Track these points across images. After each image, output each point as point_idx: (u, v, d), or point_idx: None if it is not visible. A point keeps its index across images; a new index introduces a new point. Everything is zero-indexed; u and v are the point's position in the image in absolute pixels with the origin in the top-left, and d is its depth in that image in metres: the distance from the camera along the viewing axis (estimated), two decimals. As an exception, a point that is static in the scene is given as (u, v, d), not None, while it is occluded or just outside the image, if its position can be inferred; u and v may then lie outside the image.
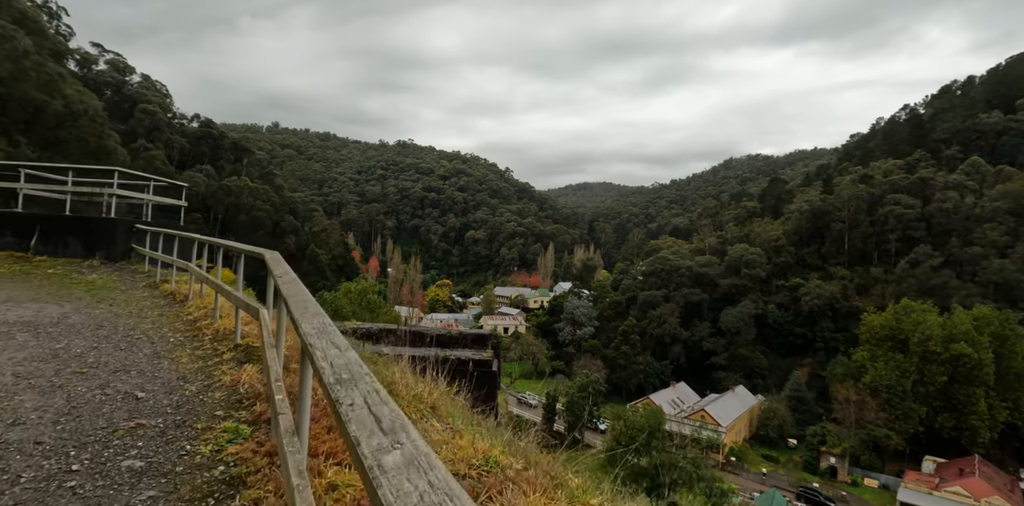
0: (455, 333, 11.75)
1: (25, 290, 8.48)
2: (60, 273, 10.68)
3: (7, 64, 22.56)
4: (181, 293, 8.35)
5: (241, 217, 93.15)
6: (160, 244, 10.38)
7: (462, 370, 8.76)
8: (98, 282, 9.85)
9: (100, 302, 7.66)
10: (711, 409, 60.05)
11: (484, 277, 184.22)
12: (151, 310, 7.07)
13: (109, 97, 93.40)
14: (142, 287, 9.61)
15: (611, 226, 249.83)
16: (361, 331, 12.02)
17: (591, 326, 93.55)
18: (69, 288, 9.04)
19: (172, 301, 8.09)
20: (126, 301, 7.90)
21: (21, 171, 13.95)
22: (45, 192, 14.52)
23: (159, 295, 8.74)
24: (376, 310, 49.32)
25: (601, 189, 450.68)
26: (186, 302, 7.65)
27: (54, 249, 12.94)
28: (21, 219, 13.50)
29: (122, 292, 8.85)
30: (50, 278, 10.08)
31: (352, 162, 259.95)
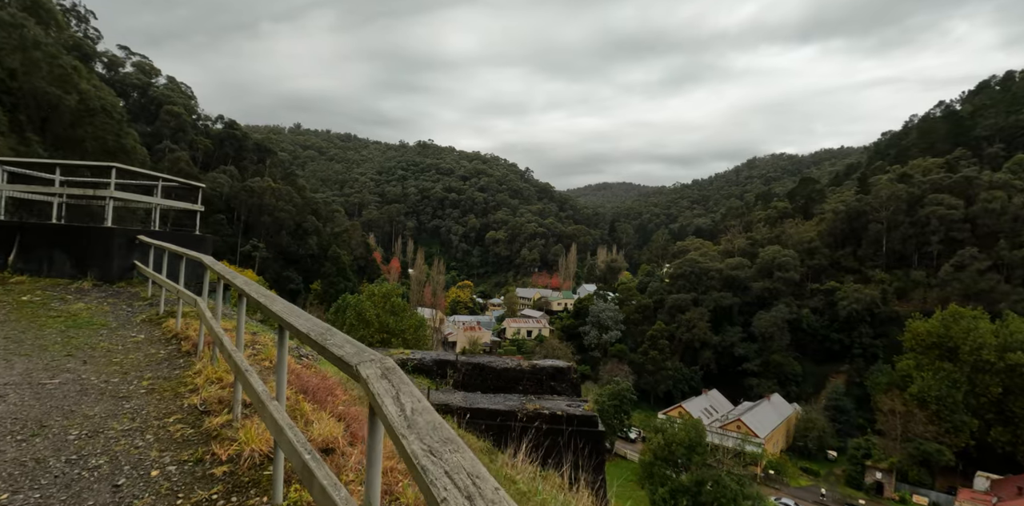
0: (526, 367, 9.92)
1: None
2: (37, 301, 8.44)
3: (16, 55, 21.45)
4: (190, 337, 6.20)
5: (264, 218, 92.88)
6: (165, 261, 8.10)
7: (556, 430, 6.97)
8: (83, 315, 7.66)
9: (72, 354, 5.57)
10: (747, 419, 57.52)
11: (505, 278, 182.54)
12: (141, 376, 4.86)
13: (135, 99, 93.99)
14: (139, 323, 7.43)
15: (632, 227, 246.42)
16: (413, 363, 10.34)
17: (617, 330, 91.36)
18: (40, 326, 6.89)
19: (176, 352, 5.89)
20: (109, 352, 5.78)
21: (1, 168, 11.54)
22: (31, 195, 12.36)
23: (160, 339, 6.52)
24: (400, 313, 47.98)
25: (621, 189, 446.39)
26: (195, 355, 5.53)
27: (37, 266, 10.53)
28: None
29: (109, 333, 6.69)
30: (21, 309, 7.85)
31: (373, 163, 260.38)
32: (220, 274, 3.94)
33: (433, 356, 11.34)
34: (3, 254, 10.56)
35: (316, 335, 2.17)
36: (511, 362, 10.92)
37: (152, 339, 6.55)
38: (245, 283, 3.14)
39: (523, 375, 10.13)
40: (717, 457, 42.89)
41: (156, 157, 76.19)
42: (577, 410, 7.57)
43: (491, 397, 8.63)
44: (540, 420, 7.22)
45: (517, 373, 10.20)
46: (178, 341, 6.37)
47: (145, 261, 10.16)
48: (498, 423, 7.23)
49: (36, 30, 23.10)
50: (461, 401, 8.05)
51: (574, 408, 7.72)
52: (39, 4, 26.16)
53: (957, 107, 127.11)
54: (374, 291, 50.51)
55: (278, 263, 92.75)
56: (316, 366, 5.78)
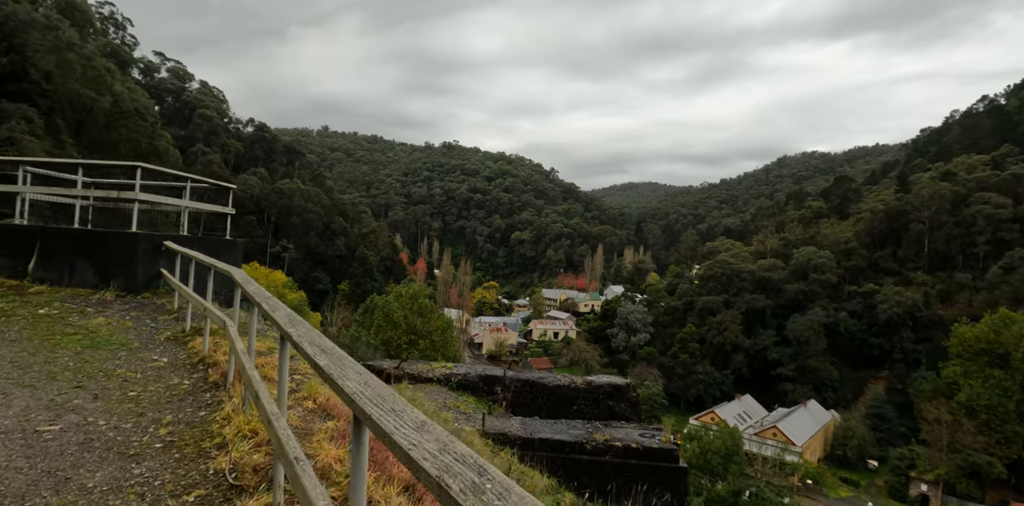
0: (580, 384, 9.20)
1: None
2: (55, 314, 7.79)
3: (50, 57, 21.67)
4: (219, 364, 5.46)
5: (293, 219, 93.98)
6: (192, 271, 7.49)
7: (629, 466, 6.23)
8: (102, 332, 6.98)
9: (83, 385, 4.87)
10: (784, 426, 55.65)
11: (530, 279, 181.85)
12: (159, 418, 4.12)
13: (170, 103, 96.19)
14: (163, 342, 6.76)
15: (659, 227, 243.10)
16: (458, 379, 9.71)
17: (646, 332, 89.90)
18: (53, 346, 6.25)
19: (202, 382, 5.17)
20: (126, 382, 5.09)
21: (21, 169, 10.85)
22: (53, 197, 11.77)
23: (184, 364, 5.82)
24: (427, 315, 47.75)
25: (647, 189, 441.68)
26: (224, 389, 4.81)
27: (58, 275, 9.71)
28: (18, 234, 10.39)
29: (129, 356, 6.03)
30: (36, 325, 7.23)
31: (399, 164, 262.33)
32: (253, 299, 3.32)
33: (479, 371, 10.70)
34: (23, 262, 9.92)
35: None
36: (563, 379, 10.21)
37: (176, 363, 5.91)
38: (288, 320, 2.52)
39: (577, 393, 9.41)
40: (755, 466, 41.47)
41: (189, 160, 77.72)
42: (653, 442, 6.81)
43: (552, 424, 7.93)
44: (611, 453, 6.49)
45: (571, 391, 9.49)
46: (205, 367, 5.68)
47: (172, 268, 9.69)
48: (563, 455, 6.52)
49: (71, 32, 23.29)
50: (519, 429, 7.38)
51: (649, 439, 6.98)
52: (74, 6, 26.41)
53: (1002, 101, 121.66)
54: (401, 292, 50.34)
55: (307, 264, 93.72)
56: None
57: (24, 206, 11.05)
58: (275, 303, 2.93)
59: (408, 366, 11.20)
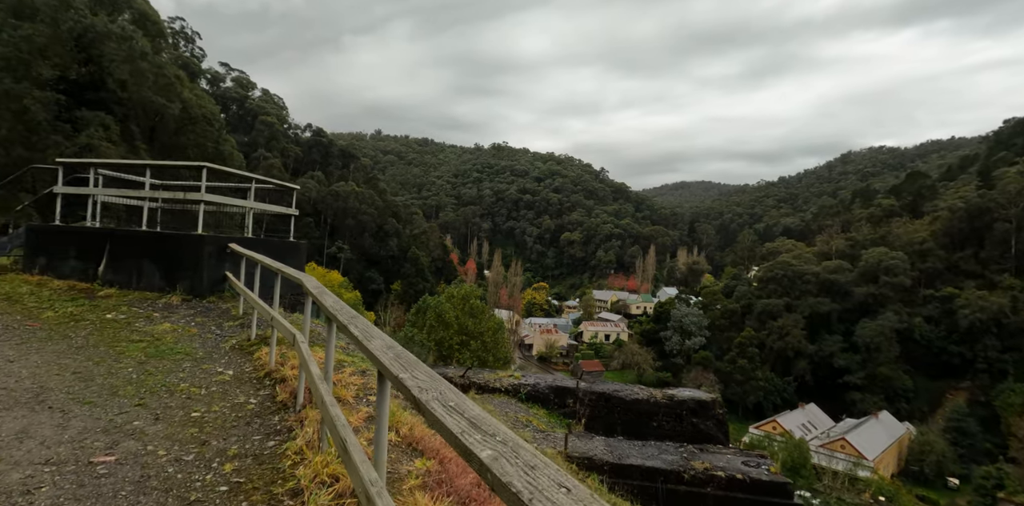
0: (660, 399, 8.39)
1: (49, 357, 5.71)
2: (122, 319, 7.65)
3: (125, 66, 22.69)
4: (287, 380, 5.03)
5: (348, 221, 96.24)
6: (258, 276, 7.19)
7: (734, 499, 5.43)
8: (167, 339, 6.78)
9: (145, 403, 4.55)
10: (853, 438, 52.37)
11: (580, 280, 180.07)
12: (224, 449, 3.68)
13: (234, 111, 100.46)
14: (227, 351, 6.44)
15: (713, 227, 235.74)
16: (527, 390, 9.07)
17: (701, 336, 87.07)
18: (118, 354, 6.05)
19: (270, 401, 4.74)
20: (189, 399, 4.75)
21: (93, 171, 10.72)
22: (122, 199, 11.66)
23: (250, 378, 5.45)
24: (479, 316, 47.73)
25: (700, 188, 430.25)
26: (294, 411, 4.35)
27: (126, 278, 9.58)
28: (89, 237, 10.31)
29: (193, 367, 5.75)
30: (103, 330, 7.09)
31: (449, 166, 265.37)
32: (337, 318, 2.77)
33: (548, 382, 10.02)
34: (94, 264, 9.93)
35: None
36: (641, 392, 9.43)
37: (241, 378, 5.54)
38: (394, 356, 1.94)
39: (658, 409, 8.62)
40: (824, 481, 39.10)
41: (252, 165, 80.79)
42: (761, 472, 6.00)
43: (640, 447, 7.20)
44: (712, 484, 5.72)
45: (650, 406, 8.70)
46: (272, 383, 5.26)
47: (237, 271, 9.48)
48: (658, 485, 5.79)
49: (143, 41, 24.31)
50: (605, 452, 6.70)
51: (754, 468, 6.15)
52: (146, 17, 27.59)
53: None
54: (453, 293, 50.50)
55: (361, 264, 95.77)
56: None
57: (96, 208, 11.16)
58: (366, 327, 2.35)
59: (474, 375, 10.68)
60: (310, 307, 4.29)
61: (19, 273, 10.24)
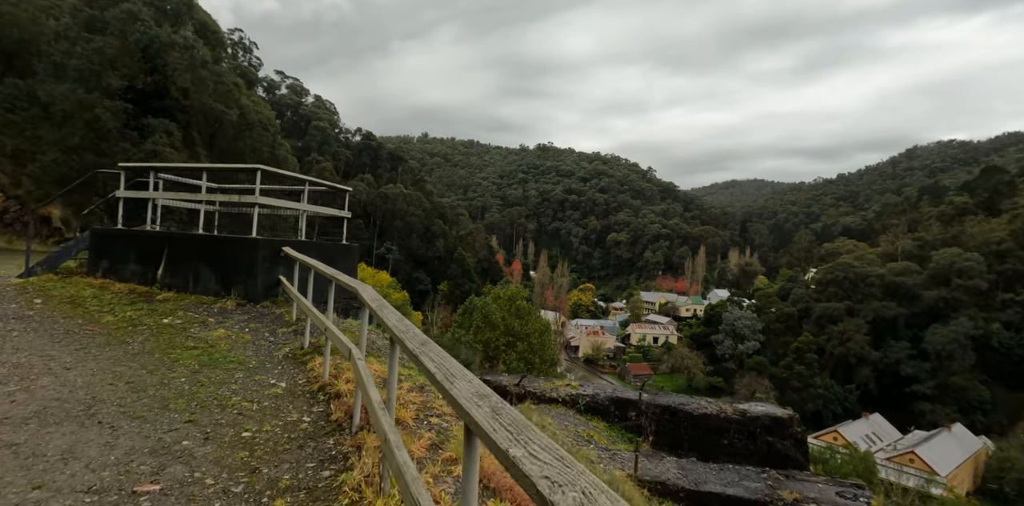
0: (731, 414, 7.69)
1: (105, 364, 5.66)
2: (178, 324, 7.65)
3: (187, 74, 23.56)
4: (341, 396, 4.71)
5: (396, 222, 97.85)
6: (311, 281, 6.90)
7: None
8: (221, 346, 6.65)
9: (195, 418, 4.36)
10: (923, 452, 49.03)
11: (626, 281, 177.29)
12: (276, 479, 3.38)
13: (288, 117, 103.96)
14: (280, 361, 6.22)
15: (767, 227, 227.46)
16: (585, 400, 8.54)
17: (755, 340, 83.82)
18: (172, 362, 5.96)
19: (324, 420, 4.41)
20: (240, 415, 4.52)
21: (152, 174, 10.79)
22: (180, 203, 11.84)
23: (303, 391, 5.16)
24: (525, 317, 47.49)
25: (752, 187, 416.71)
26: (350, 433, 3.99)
27: (183, 282, 9.59)
28: (148, 240, 10.31)
29: (245, 378, 5.55)
30: (159, 336, 7.09)
31: (495, 167, 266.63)
32: (397, 337, 2.36)
33: (608, 393, 9.44)
34: (153, 268, 10.02)
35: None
36: (710, 406, 8.75)
37: (294, 391, 5.25)
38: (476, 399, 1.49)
39: (729, 425, 7.92)
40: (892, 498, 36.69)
41: (305, 168, 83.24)
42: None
43: (718, 472, 6.59)
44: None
45: (720, 422, 8.02)
46: (326, 398, 4.95)
47: (289, 275, 9.34)
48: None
49: (204, 50, 25.20)
50: (678, 476, 6.13)
51: (851, 501, 5.45)
52: (207, 27, 28.64)
53: None
54: (499, 294, 50.41)
55: (408, 265, 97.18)
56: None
57: (156, 212, 11.33)
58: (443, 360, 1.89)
59: (529, 383, 10.22)
60: (367, 319, 3.93)
61: (84, 276, 10.48)
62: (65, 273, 10.89)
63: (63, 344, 6.58)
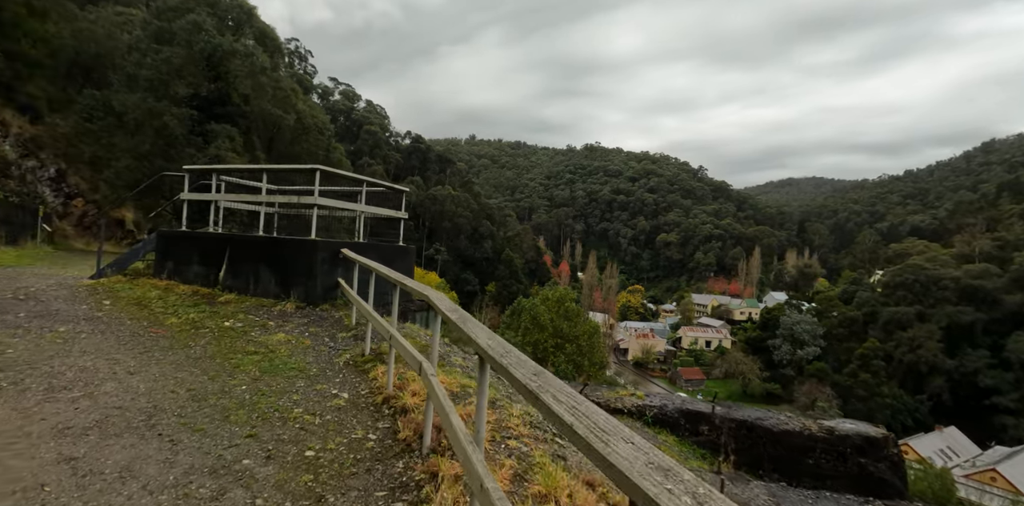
0: (816, 432, 6.97)
1: (167, 369, 5.60)
2: (239, 327, 7.56)
3: (248, 81, 24.25)
4: (407, 410, 4.39)
5: (445, 224, 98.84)
6: (372, 285, 6.55)
7: None
8: (281, 351, 6.47)
9: (256, 432, 4.13)
10: (1006, 470, 45.29)
11: (676, 283, 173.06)
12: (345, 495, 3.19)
13: (341, 122, 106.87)
14: (341, 369, 5.95)
15: (826, 227, 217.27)
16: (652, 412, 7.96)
17: (815, 346, 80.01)
18: (233, 368, 5.82)
19: (391, 439, 4.05)
20: (303, 430, 4.26)
21: (215, 177, 10.90)
22: (240, 204, 12.01)
23: (367, 404, 4.84)
24: (573, 319, 46.93)
25: (809, 185, 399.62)
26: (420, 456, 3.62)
27: (244, 284, 9.58)
28: (210, 242, 10.35)
29: (306, 387, 5.30)
30: (220, 339, 7.01)
31: (541, 168, 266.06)
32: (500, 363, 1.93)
33: (677, 404, 8.81)
34: (215, 270, 10.04)
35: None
36: (792, 423, 8.01)
37: (357, 403, 4.95)
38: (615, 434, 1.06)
39: (814, 444, 7.18)
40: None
41: (357, 171, 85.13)
42: None
43: (814, 501, 5.93)
44: None
45: (804, 440, 7.28)
46: (392, 413, 4.62)
47: (348, 278, 9.15)
48: None
49: (263, 57, 25.91)
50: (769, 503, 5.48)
51: None
52: (265, 34, 29.48)
53: None
54: (548, 295, 49.97)
55: (457, 266, 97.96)
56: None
57: (219, 214, 11.44)
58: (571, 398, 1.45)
59: (591, 392, 9.70)
60: (438, 330, 3.54)
61: (150, 277, 10.68)
62: (133, 274, 11.15)
63: (128, 347, 6.57)
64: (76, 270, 13.29)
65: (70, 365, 5.63)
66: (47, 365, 5.57)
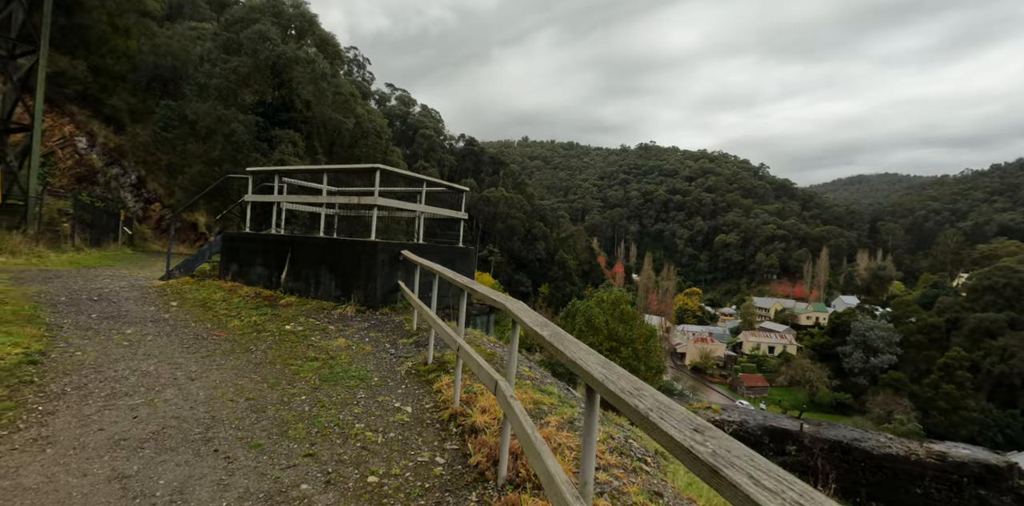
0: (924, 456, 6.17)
1: (228, 376, 5.46)
2: (300, 331, 7.40)
3: (309, 87, 24.83)
4: (477, 430, 3.97)
5: (498, 225, 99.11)
6: (436, 290, 6.20)
7: None
8: (341, 358, 6.22)
9: (315, 451, 3.81)
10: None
11: (736, 285, 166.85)
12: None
13: (397, 127, 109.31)
14: (403, 378, 5.62)
15: (901, 226, 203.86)
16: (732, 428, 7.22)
17: (891, 353, 75.01)
18: (293, 375, 5.62)
19: (461, 465, 3.63)
20: (364, 449, 3.89)
21: (277, 178, 10.79)
22: (301, 206, 11.93)
23: (433, 421, 4.46)
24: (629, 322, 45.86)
25: (882, 182, 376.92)
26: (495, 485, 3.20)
27: (305, 287, 9.50)
28: (272, 244, 10.25)
29: (367, 399, 4.97)
30: (281, 344, 6.86)
31: (595, 168, 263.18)
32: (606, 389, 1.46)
33: (759, 420, 8.07)
34: (277, 272, 10.00)
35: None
36: (895, 445, 7.17)
37: (422, 418, 4.59)
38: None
39: (923, 471, 6.35)
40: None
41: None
42: None
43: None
44: None
45: (910, 466, 6.47)
46: (460, 432, 4.19)
47: (407, 280, 8.85)
48: None
49: (324, 63, 26.49)
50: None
51: None
52: (326, 40, 30.14)
53: None
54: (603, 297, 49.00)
55: (510, 267, 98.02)
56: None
57: (281, 216, 11.47)
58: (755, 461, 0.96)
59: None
60: (516, 344, 3.07)
61: (216, 279, 10.81)
62: (200, 276, 11.34)
63: (191, 351, 6.49)
64: (149, 271, 13.76)
65: (133, 369, 5.55)
66: (112, 369, 5.51)
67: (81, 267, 14.03)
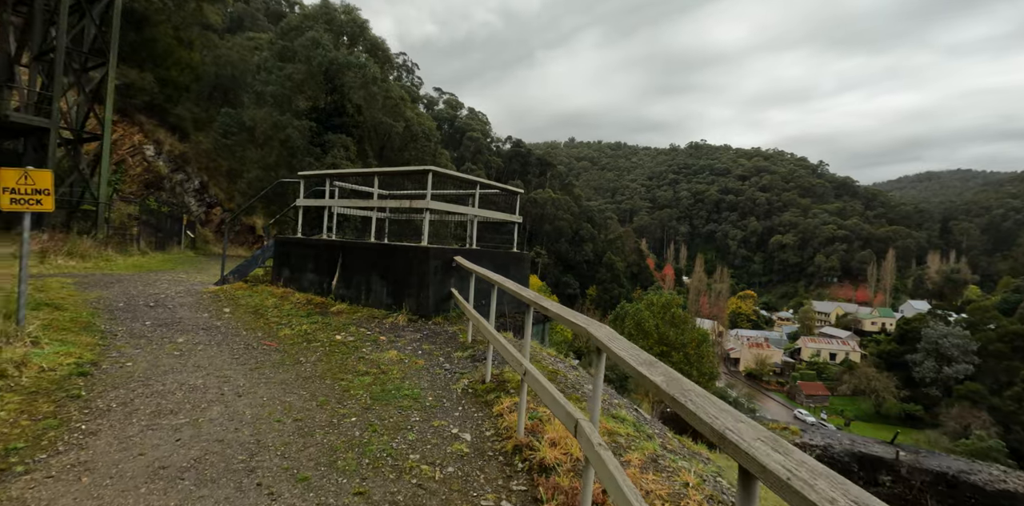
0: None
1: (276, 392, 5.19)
2: (350, 341, 7.12)
3: (360, 91, 25.09)
4: (548, 465, 3.50)
5: (546, 227, 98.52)
6: (494, 300, 5.69)
7: None
8: (393, 373, 5.88)
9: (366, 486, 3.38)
10: None
11: (793, 288, 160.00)
12: None
13: (445, 130, 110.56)
14: (459, 398, 5.19)
15: (977, 226, 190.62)
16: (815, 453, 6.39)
17: (968, 363, 69.94)
18: (343, 392, 5.29)
19: (529, 502, 3.20)
20: (420, 488, 3.41)
21: (328, 182, 10.57)
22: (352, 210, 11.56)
23: (495, 452, 4.00)
24: (680, 326, 44.43)
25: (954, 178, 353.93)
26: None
27: (356, 294, 9.22)
28: (323, 249, 10.06)
29: (421, 423, 4.56)
30: (331, 355, 6.59)
31: (643, 169, 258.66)
32: (790, 484, 0.98)
33: (846, 445, 7.27)
34: (328, 278, 9.82)
35: None
36: (1011, 480, 6.17)
37: (483, 449, 4.09)
38: None
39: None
40: None
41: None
42: None
43: None
44: None
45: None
46: (526, 469, 3.66)
47: (461, 288, 8.42)
48: None
49: (374, 68, 26.79)
50: None
51: None
52: (376, 45, 30.49)
53: None
54: (653, 300, 47.65)
55: (557, 269, 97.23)
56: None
57: (332, 220, 11.32)
58: None
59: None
60: (601, 376, 2.55)
61: (269, 284, 10.76)
62: (253, 281, 11.35)
63: (240, 361, 6.29)
64: (206, 275, 13.97)
65: (181, 383, 5.34)
66: (160, 382, 5.32)
67: (143, 271, 14.41)
